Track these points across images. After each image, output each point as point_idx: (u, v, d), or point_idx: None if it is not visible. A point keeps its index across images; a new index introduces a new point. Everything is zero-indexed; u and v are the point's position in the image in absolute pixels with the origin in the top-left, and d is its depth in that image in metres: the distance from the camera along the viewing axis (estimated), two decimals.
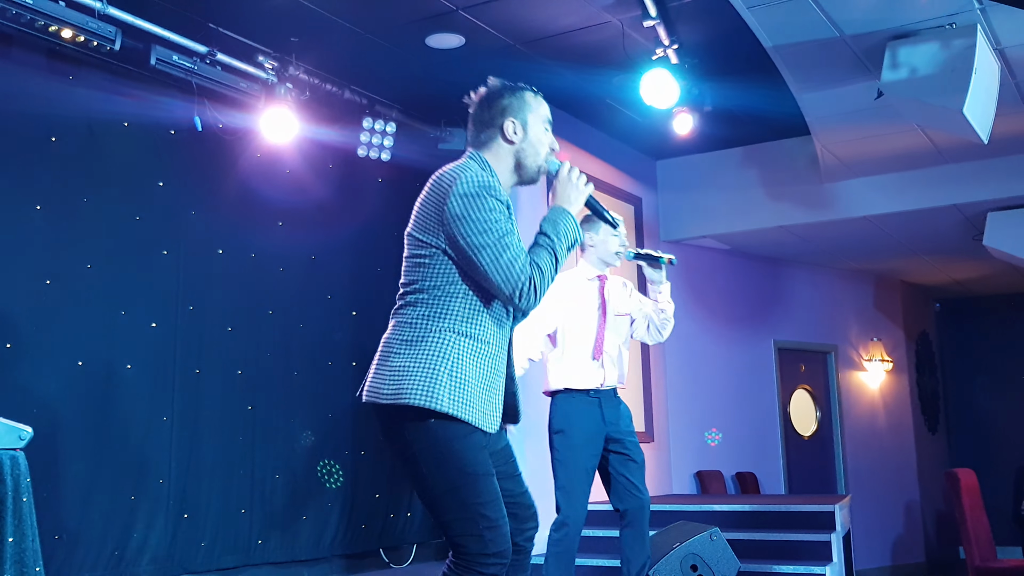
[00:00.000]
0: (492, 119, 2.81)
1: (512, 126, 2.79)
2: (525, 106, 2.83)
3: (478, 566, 2.53)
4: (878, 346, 10.64)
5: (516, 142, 2.80)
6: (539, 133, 2.82)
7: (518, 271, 2.56)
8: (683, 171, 8.73)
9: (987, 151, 6.91)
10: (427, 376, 2.57)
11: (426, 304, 2.65)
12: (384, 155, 6.87)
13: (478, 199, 2.61)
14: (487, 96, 2.87)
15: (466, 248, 2.59)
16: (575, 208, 2.77)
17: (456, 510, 2.55)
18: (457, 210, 2.60)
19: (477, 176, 2.65)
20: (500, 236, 2.58)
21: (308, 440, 6.69)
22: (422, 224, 2.70)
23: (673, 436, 8.49)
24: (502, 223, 2.61)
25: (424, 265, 2.67)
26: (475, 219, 2.59)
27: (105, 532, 5.50)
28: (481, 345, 2.65)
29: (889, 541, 10.15)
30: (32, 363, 5.29)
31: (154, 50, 5.49)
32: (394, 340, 2.69)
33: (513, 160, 2.81)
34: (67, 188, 5.58)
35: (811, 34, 5.45)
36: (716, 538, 5.05)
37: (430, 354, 2.59)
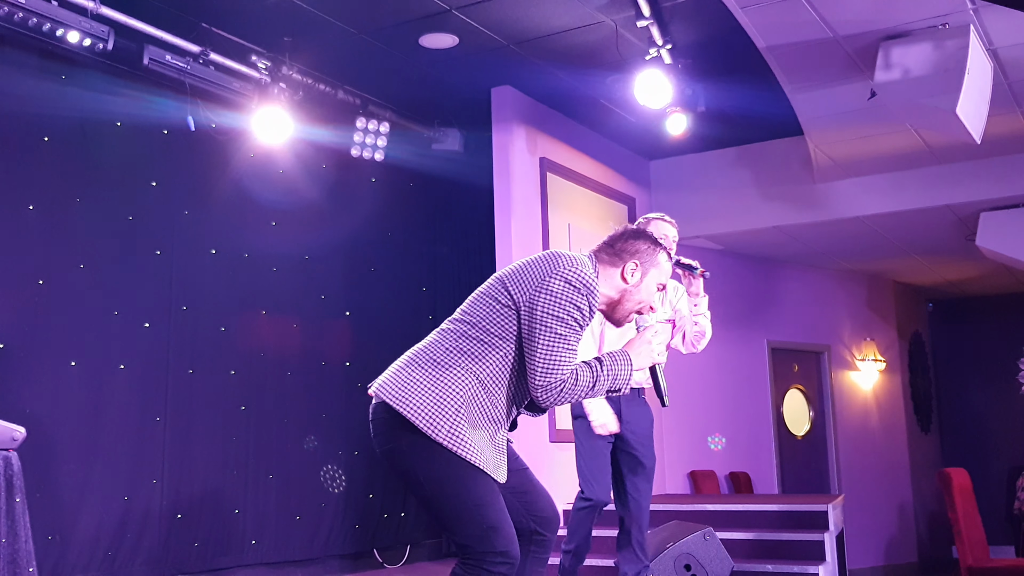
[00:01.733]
0: (622, 251, 2.90)
1: (633, 268, 2.89)
2: (651, 263, 2.92)
3: (487, 564, 2.59)
4: (871, 346, 10.66)
5: (628, 283, 2.90)
6: (648, 288, 2.92)
7: (561, 369, 2.67)
8: (676, 171, 8.74)
9: (980, 151, 6.92)
10: (435, 404, 2.64)
11: (469, 340, 2.73)
12: (378, 155, 6.87)
13: (577, 293, 2.70)
14: (635, 232, 2.96)
15: (537, 321, 2.67)
16: (638, 364, 2.85)
17: (457, 515, 2.62)
18: (555, 289, 2.69)
19: (590, 277, 2.74)
20: (568, 334, 2.69)
21: (311, 444, 6.69)
22: (518, 280, 2.76)
23: (667, 436, 8.49)
24: (578, 327, 2.71)
25: (494, 310, 2.75)
26: (563, 307, 2.68)
27: (98, 532, 5.49)
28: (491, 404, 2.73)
29: (882, 541, 10.17)
30: (25, 363, 5.28)
31: (147, 50, 5.48)
32: (424, 353, 2.75)
33: (616, 294, 2.90)
34: (60, 188, 5.57)
35: (804, 34, 5.46)
36: (710, 538, 5.05)
37: (446, 386, 2.66)
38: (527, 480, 2.91)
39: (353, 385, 7.01)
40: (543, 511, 2.89)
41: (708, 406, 8.82)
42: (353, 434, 6.97)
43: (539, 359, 2.66)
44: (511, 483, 2.81)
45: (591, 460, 4.47)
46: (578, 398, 2.74)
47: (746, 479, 8.83)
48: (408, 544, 7.33)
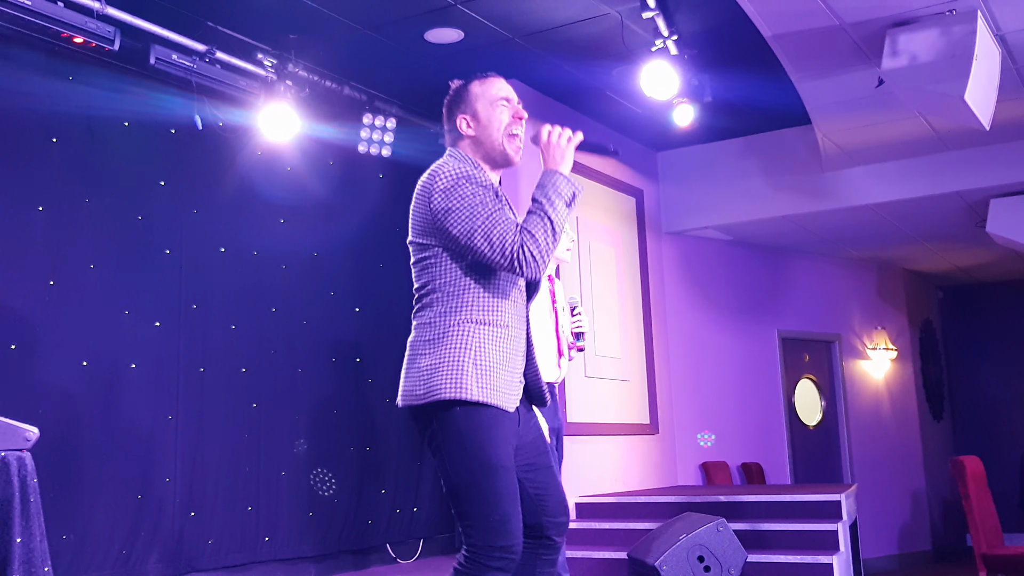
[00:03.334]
0: (449, 120, 2.94)
1: (463, 121, 2.89)
2: (471, 97, 2.91)
3: (485, 558, 2.59)
4: (882, 334, 10.63)
5: (474, 133, 2.89)
6: (489, 116, 2.88)
7: (510, 242, 2.64)
8: (684, 162, 8.72)
9: (989, 137, 6.89)
10: (454, 369, 2.65)
11: (441, 302, 2.74)
12: (384, 151, 6.86)
13: (456, 188, 2.70)
14: (446, 100, 2.98)
15: (459, 237, 2.68)
16: (564, 167, 2.81)
17: (470, 501, 2.62)
18: (442, 204, 2.70)
19: (452, 168, 2.75)
20: (487, 216, 2.67)
21: (301, 447, 6.70)
22: (418, 228, 2.80)
23: (678, 428, 8.49)
24: (486, 204, 2.69)
25: (431, 266, 2.77)
26: (458, 208, 2.68)
27: (112, 531, 5.51)
28: (500, 330, 2.75)
29: (895, 529, 10.15)
30: (37, 364, 5.30)
31: (153, 49, 5.49)
32: (418, 342, 2.77)
33: (479, 150, 2.89)
34: (69, 188, 5.58)
35: (810, 22, 5.44)
36: (723, 529, 5.05)
37: (454, 347, 2.68)
38: (550, 479, 2.88)
39: (363, 381, 7.02)
40: (557, 515, 2.86)
41: (719, 397, 8.81)
42: (364, 430, 6.98)
43: (489, 254, 2.66)
44: (534, 480, 2.81)
45: None
46: (548, 238, 2.69)
47: (758, 470, 8.82)
48: (421, 539, 7.34)
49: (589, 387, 7.39)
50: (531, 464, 2.82)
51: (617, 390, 7.68)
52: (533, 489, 2.81)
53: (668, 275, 8.70)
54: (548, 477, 2.88)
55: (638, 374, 8.04)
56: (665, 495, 6.81)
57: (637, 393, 8.00)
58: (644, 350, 8.17)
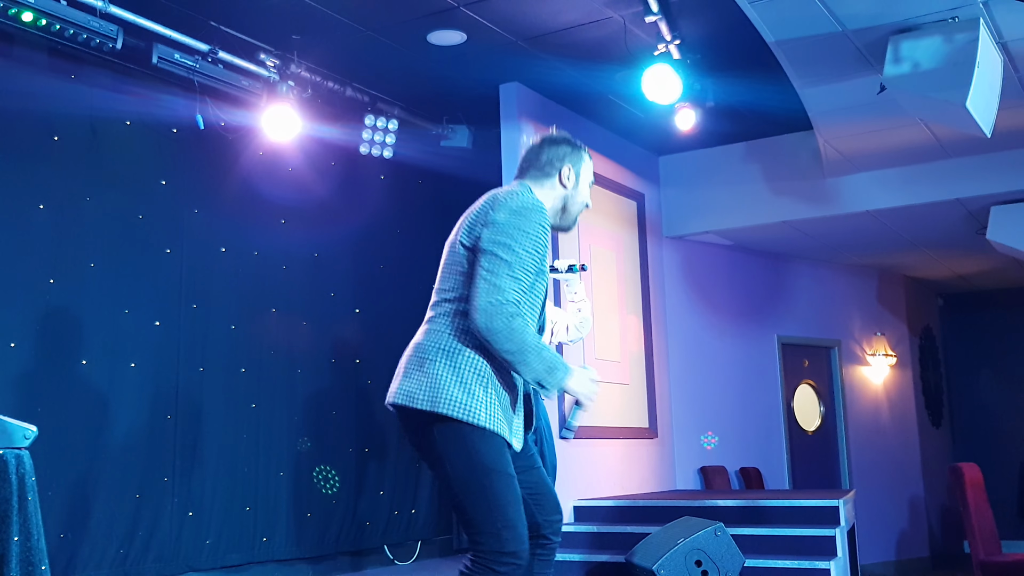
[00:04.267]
0: (551, 161, 2.96)
1: (568, 172, 2.96)
2: (582, 160, 3.01)
3: (494, 563, 2.62)
4: (881, 341, 10.62)
5: (568, 188, 2.96)
6: (584, 187, 3.01)
7: (502, 294, 2.61)
8: (686, 167, 8.72)
9: (990, 145, 6.89)
10: (464, 392, 2.66)
11: (464, 316, 2.73)
12: (386, 152, 6.87)
13: (523, 218, 2.70)
14: (551, 140, 3.02)
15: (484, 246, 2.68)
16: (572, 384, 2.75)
17: (478, 508, 2.65)
18: (499, 219, 2.70)
19: (534, 201, 2.78)
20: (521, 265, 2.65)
21: (304, 445, 6.70)
22: (468, 232, 2.79)
23: (677, 432, 8.49)
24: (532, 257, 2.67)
25: (463, 272, 2.76)
26: (508, 233, 2.67)
27: (110, 530, 5.51)
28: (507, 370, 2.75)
29: (893, 536, 10.14)
30: (36, 362, 5.30)
31: (156, 48, 5.50)
32: (430, 346, 2.76)
33: (560, 203, 2.97)
34: (70, 187, 5.59)
35: (813, 28, 5.44)
36: (720, 534, 5.05)
37: (467, 370, 2.69)
38: (540, 480, 2.92)
39: (363, 382, 7.02)
40: (552, 514, 2.90)
41: (718, 401, 8.80)
42: (363, 431, 6.98)
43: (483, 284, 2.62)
44: (527, 482, 2.84)
45: None
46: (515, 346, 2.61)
47: (757, 475, 8.81)
48: (419, 541, 7.34)
49: None
50: (522, 467, 2.85)
51: (616, 394, 7.68)
52: (527, 490, 2.84)
53: (668, 279, 8.70)
54: (538, 477, 2.91)
55: (638, 378, 8.03)
56: (663, 499, 6.80)
57: (636, 397, 7.99)
58: (644, 354, 8.16)
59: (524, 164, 3.01)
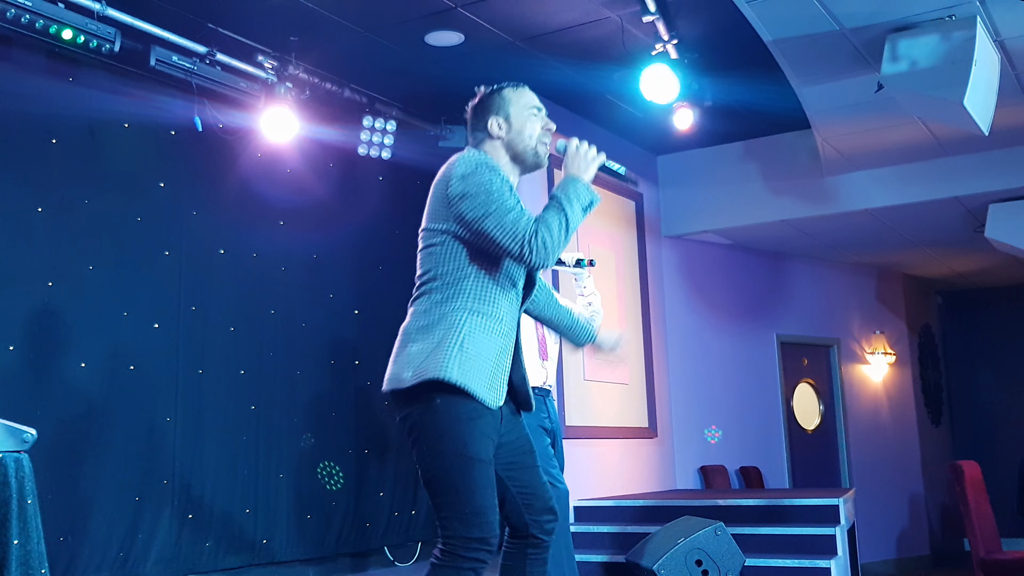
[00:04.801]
0: (478, 122, 2.99)
1: (495, 122, 2.95)
2: (505, 102, 2.98)
3: (461, 549, 2.60)
4: (881, 339, 10.63)
5: (503, 136, 2.95)
6: (523, 121, 2.95)
7: (522, 227, 2.66)
8: (684, 166, 8.72)
9: (988, 143, 6.90)
10: (439, 351, 2.66)
11: (439, 290, 2.77)
12: (384, 153, 6.86)
13: (475, 175, 2.74)
14: (474, 104, 3.06)
15: (472, 221, 2.71)
16: (586, 176, 2.86)
17: (446, 492, 2.64)
18: (459, 189, 2.74)
19: (473, 157, 2.81)
20: (500, 203, 2.69)
21: (308, 442, 6.69)
22: (432, 215, 2.84)
23: (676, 431, 8.49)
24: (503, 192, 2.72)
25: (436, 253, 2.80)
26: (475, 192, 2.71)
27: (110, 533, 5.51)
28: (493, 322, 2.76)
29: (894, 534, 10.15)
30: (35, 365, 5.30)
31: (154, 51, 5.49)
32: (411, 328, 2.79)
33: (507, 152, 2.96)
34: (68, 190, 5.58)
35: (810, 27, 5.45)
36: (721, 533, 5.05)
37: (443, 332, 2.70)
38: (534, 478, 2.89)
39: (363, 383, 7.01)
40: (541, 514, 2.87)
41: (717, 401, 8.81)
42: (363, 432, 6.98)
43: (500, 237, 2.68)
44: (518, 480, 2.83)
45: None
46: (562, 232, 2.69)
47: (756, 474, 8.82)
48: (419, 542, 7.34)
49: (588, 390, 7.39)
50: (514, 463, 2.83)
51: (616, 393, 7.68)
52: (517, 488, 2.83)
53: (667, 279, 8.70)
54: (533, 477, 2.88)
55: (637, 378, 8.04)
56: (663, 499, 6.80)
57: (636, 397, 8.00)
58: (643, 353, 8.17)
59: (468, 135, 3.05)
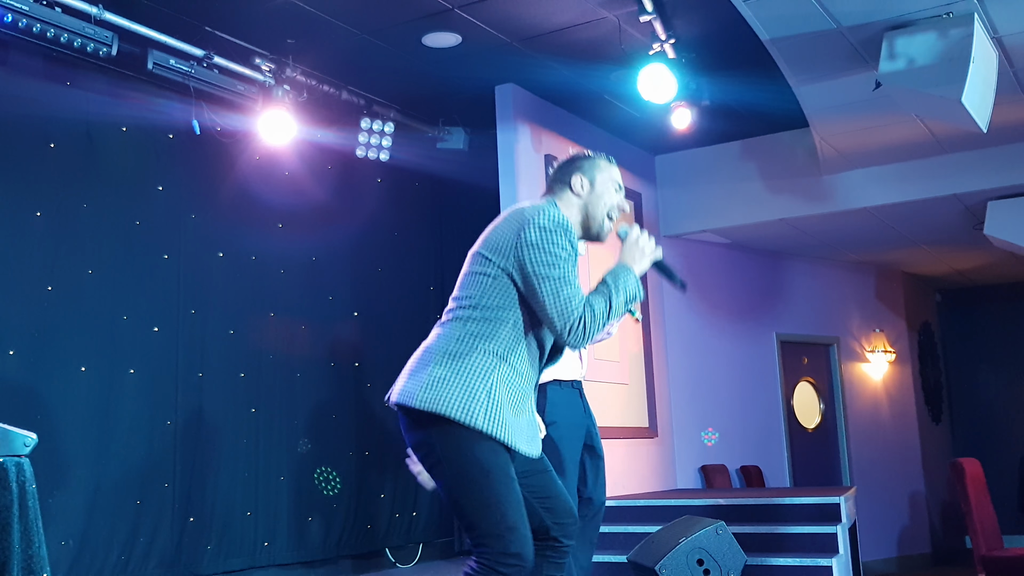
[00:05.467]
0: (564, 176, 3.02)
1: (579, 180, 2.99)
2: (595, 167, 3.04)
3: (499, 566, 2.60)
4: (880, 337, 10.63)
5: (582, 195, 2.99)
6: (604, 189, 3.02)
7: (573, 308, 2.70)
8: (682, 166, 8.72)
9: (986, 140, 6.89)
10: (465, 392, 2.67)
11: (476, 322, 2.76)
12: (383, 155, 6.86)
13: (554, 234, 2.75)
14: (568, 158, 3.10)
15: (532, 275, 2.72)
16: (638, 268, 2.92)
17: (479, 511, 2.64)
18: (533, 239, 2.74)
19: (558, 215, 2.80)
20: (564, 273, 2.73)
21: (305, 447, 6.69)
22: (494, 245, 2.81)
23: (676, 431, 8.49)
24: (568, 263, 2.76)
25: (484, 284, 2.78)
26: (547, 251, 2.73)
27: (111, 537, 5.51)
28: (516, 376, 2.77)
29: (895, 532, 10.14)
30: (35, 369, 5.30)
31: (151, 54, 5.49)
32: (437, 349, 2.77)
33: (580, 212, 3.00)
34: (67, 194, 5.58)
35: (808, 26, 5.44)
36: (722, 532, 5.04)
37: (471, 372, 2.70)
38: (550, 483, 2.90)
39: (362, 386, 7.02)
40: (563, 517, 2.89)
41: (718, 400, 8.81)
42: (363, 434, 6.98)
43: (550, 308, 2.71)
44: (534, 486, 2.85)
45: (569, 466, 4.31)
46: (603, 322, 2.75)
47: (757, 473, 8.81)
48: (420, 543, 7.34)
49: (588, 391, 7.35)
50: (527, 471, 2.84)
51: (616, 393, 7.67)
52: (535, 495, 2.84)
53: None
54: (548, 481, 2.89)
55: (637, 378, 8.03)
56: (664, 498, 6.80)
57: (636, 396, 7.99)
58: (643, 354, 8.16)
59: (548, 182, 3.08)
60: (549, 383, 4.41)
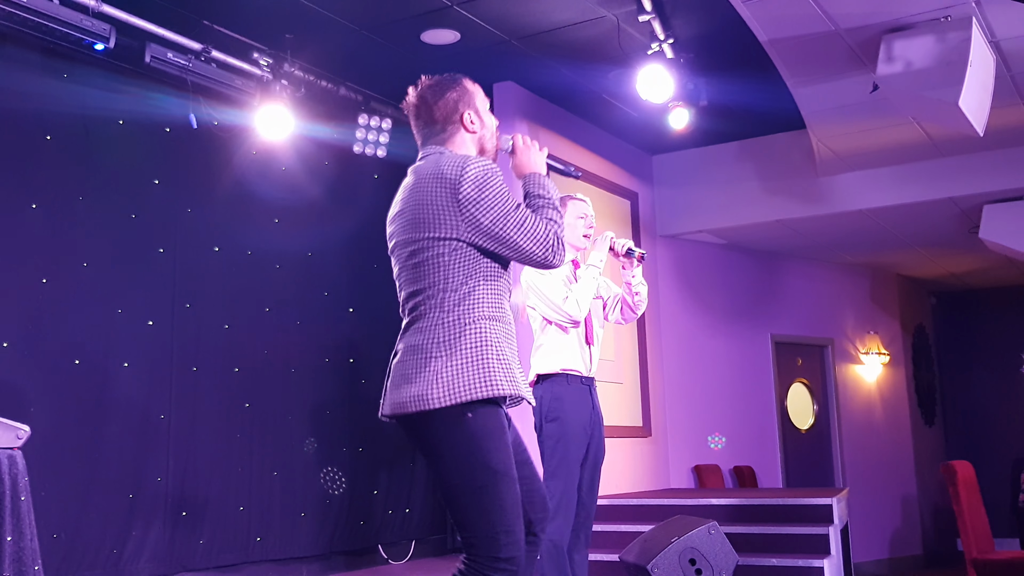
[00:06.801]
0: (447, 116, 2.88)
1: (469, 116, 2.88)
2: (469, 94, 2.93)
3: (488, 570, 2.51)
4: (875, 339, 10.65)
5: (477, 131, 2.89)
6: (488, 117, 2.94)
7: (543, 232, 2.68)
8: (679, 166, 8.73)
9: (983, 144, 6.91)
10: (482, 368, 2.59)
11: (452, 301, 2.65)
12: (380, 152, 6.86)
13: (487, 178, 2.66)
14: (432, 94, 2.94)
15: (493, 227, 2.64)
16: (542, 168, 2.91)
17: (476, 510, 2.54)
18: (474, 195, 2.64)
19: (474, 159, 2.71)
20: (517, 207, 2.69)
21: (312, 447, 6.69)
22: (430, 222, 2.67)
23: (671, 431, 8.50)
24: (510, 197, 2.70)
25: (441, 264, 2.66)
26: (493, 198, 2.65)
27: (104, 530, 5.50)
28: (506, 326, 2.73)
29: (887, 534, 10.17)
30: (29, 362, 5.29)
31: (148, 48, 5.47)
32: (426, 343, 2.63)
33: (476, 148, 2.90)
34: (63, 187, 5.57)
35: (806, 28, 5.45)
36: (714, 532, 5.05)
37: (476, 346, 2.62)
38: (531, 474, 2.82)
39: (357, 382, 7.01)
40: (540, 510, 2.80)
41: (712, 400, 8.82)
42: (357, 431, 6.97)
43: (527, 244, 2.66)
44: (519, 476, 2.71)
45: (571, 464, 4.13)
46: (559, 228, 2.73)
47: (750, 473, 8.83)
48: (413, 540, 7.34)
49: None
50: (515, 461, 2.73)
51: (610, 393, 7.68)
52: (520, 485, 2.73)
53: (662, 278, 8.71)
54: (529, 472, 2.81)
55: (631, 377, 8.04)
56: (657, 498, 6.81)
57: (630, 396, 8.00)
58: (637, 353, 8.17)
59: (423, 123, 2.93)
60: (556, 375, 4.22)
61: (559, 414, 4.17)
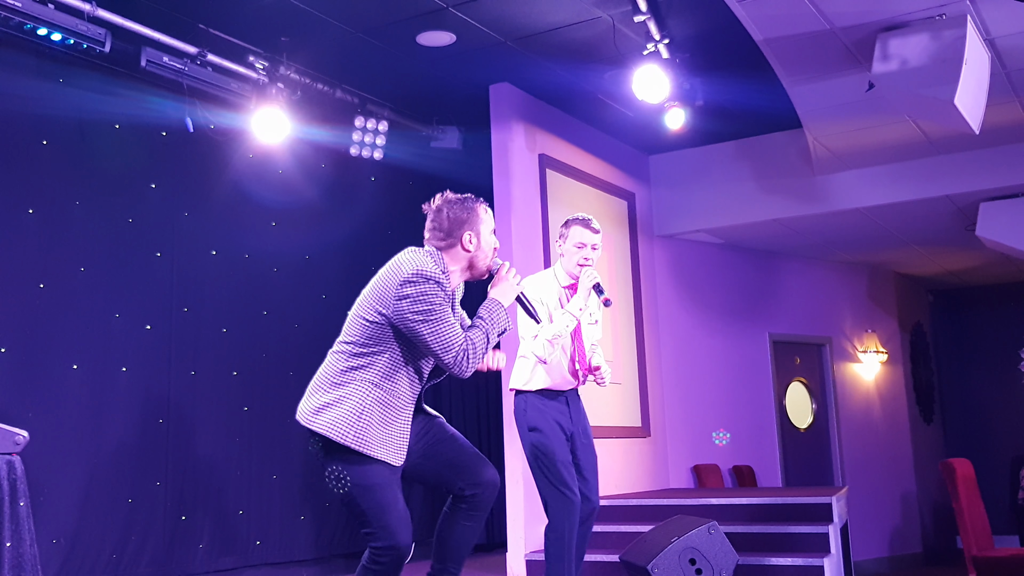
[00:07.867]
0: (451, 231, 3.32)
1: (469, 237, 3.32)
2: (478, 220, 3.35)
3: (376, 554, 3.24)
4: (873, 338, 10.65)
5: (471, 251, 3.33)
6: (488, 241, 3.38)
7: (453, 344, 3.14)
8: (676, 166, 8.73)
9: (978, 141, 6.92)
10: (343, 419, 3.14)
11: (355, 357, 3.22)
12: (376, 154, 6.86)
13: (427, 285, 3.13)
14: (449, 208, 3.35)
15: (411, 323, 3.13)
16: (507, 302, 3.37)
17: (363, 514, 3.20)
18: (409, 292, 3.13)
19: (432, 270, 3.16)
20: (440, 316, 3.13)
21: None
22: (378, 296, 3.22)
23: (669, 430, 8.50)
24: (443, 307, 3.15)
25: (368, 327, 3.21)
26: (422, 302, 3.12)
27: (103, 535, 5.50)
28: (390, 396, 3.20)
29: (886, 532, 10.17)
30: (27, 367, 5.28)
31: (144, 51, 5.48)
32: (325, 379, 3.26)
33: (467, 263, 3.36)
34: (59, 191, 5.57)
35: (801, 27, 5.46)
36: (714, 531, 5.05)
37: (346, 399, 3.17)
38: (456, 449, 3.35)
39: None
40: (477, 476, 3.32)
41: (710, 400, 8.82)
42: None
43: (434, 347, 3.14)
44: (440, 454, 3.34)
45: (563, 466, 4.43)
46: (481, 356, 3.21)
47: (750, 472, 8.83)
48: (412, 542, 7.33)
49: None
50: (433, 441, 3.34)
51: (609, 393, 7.68)
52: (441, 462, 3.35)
53: (660, 278, 8.71)
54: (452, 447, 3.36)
55: (630, 377, 8.04)
56: (657, 498, 6.81)
57: (629, 396, 8.00)
58: (636, 353, 8.17)
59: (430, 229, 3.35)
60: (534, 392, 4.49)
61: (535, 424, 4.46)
